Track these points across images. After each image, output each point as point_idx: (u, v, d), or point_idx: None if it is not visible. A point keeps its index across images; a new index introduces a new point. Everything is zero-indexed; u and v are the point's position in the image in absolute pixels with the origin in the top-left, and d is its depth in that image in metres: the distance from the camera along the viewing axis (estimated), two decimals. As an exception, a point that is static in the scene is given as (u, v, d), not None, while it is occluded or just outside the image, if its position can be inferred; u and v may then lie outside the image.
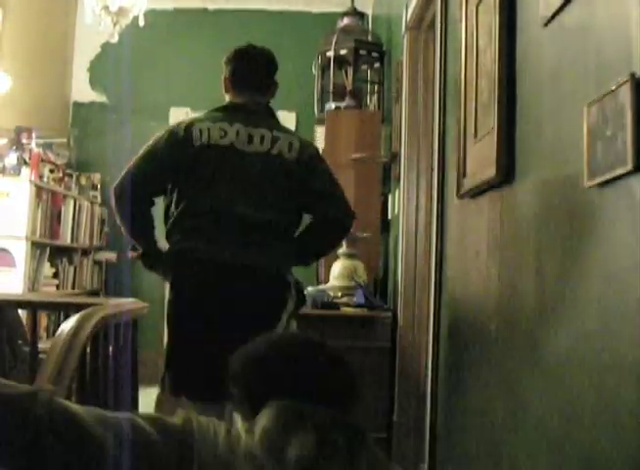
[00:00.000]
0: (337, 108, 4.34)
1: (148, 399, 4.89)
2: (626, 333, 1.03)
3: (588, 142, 1.14)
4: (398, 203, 3.46)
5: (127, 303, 2.58)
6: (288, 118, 5.74)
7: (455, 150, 2.08)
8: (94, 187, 5.55)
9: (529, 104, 1.52)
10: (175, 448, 1.05)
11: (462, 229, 2.14)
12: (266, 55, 2.51)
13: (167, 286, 2.46)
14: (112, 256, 5.53)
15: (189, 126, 2.29)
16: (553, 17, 1.35)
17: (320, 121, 4.65)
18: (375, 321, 3.30)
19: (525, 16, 1.56)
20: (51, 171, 4.69)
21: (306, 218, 2.49)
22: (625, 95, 1.02)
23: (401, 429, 3.21)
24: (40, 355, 2.20)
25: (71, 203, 4.95)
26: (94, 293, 5.45)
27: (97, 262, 5.52)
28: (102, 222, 5.57)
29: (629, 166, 1.01)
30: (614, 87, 1.06)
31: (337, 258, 3.61)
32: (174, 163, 2.29)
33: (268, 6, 5.76)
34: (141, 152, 2.33)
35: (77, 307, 2.08)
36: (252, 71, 2.46)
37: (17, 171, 4.32)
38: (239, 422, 1.13)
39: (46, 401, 0.96)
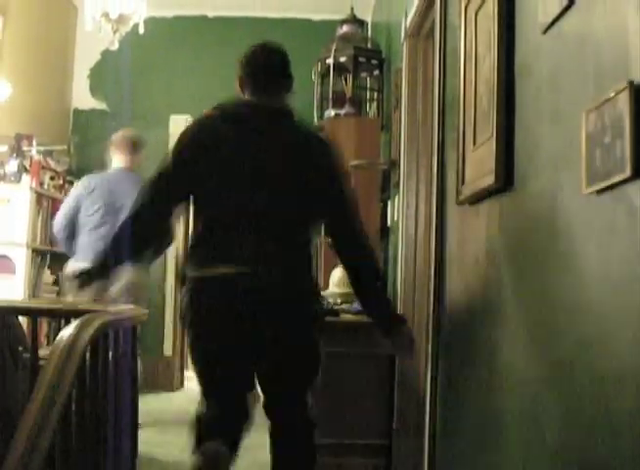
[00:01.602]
0: (336, 115, 4.35)
1: (148, 405, 4.89)
2: (625, 339, 1.03)
3: (587, 149, 1.15)
4: (398, 209, 3.46)
5: (127, 309, 2.58)
6: (287, 125, 5.76)
7: (454, 157, 2.08)
8: (94, 194, 5.55)
9: (528, 111, 1.53)
10: None
11: (461, 236, 2.14)
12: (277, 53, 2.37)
13: None
14: (111, 262, 5.52)
15: None
16: (552, 24, 1.36)
17: (319, 128, 4.65)
18: (375, 328, 3.29)
19: (525, 23, 1.56)
20: (51, 178, 4.69)
21: None
22: (624, 102, 1.02)
23: (401, 436, 3.20)
24: (40, 362, 2.20)
25: (71, 210, 4.94)
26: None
27: (97, 269, 5.51)
28: (102, 229, 5.56)
29: (628, 173, 1.01)
30: (612, 94, 1.06)
31: (336, 264, 3.61)
32: None
33: (268, 13, 5.78)
34: None
35: (77, 314, 2.08)
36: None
37: (17, 178, 4.32)
38: None
39: None
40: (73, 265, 3.67)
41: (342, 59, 4.42)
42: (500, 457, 1.64)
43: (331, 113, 4.39)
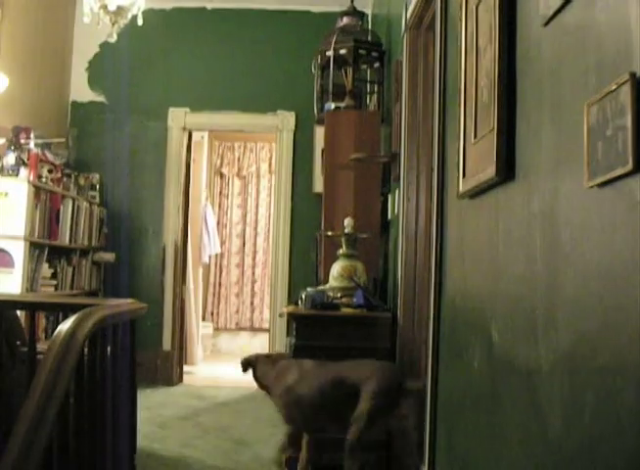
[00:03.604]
0: (336, 108, 4.34)
1: (147, 399, 4.89)
2: (627, 332, 1.03)
3: (588, 142, 1.14)
4: (398, 203, 3.46)
5: (125, 303, 2.57)
6: (287, 118, 5.75)
7: (455, 150, 2.08)
8: (93, 187, 5.55)
9: (529, 104, 1.52)
10: None
11: (462, 229, 2.13)
12: None
13: None
14: (110, 256, 5.53)
15: None
16: (553, 16, 1.35)
17: (320, 121, 4.64)
18: (375, 322, 3.29)
19: (526, 15, 1.55)
20: (49, 171, 4.68)
21: None
22: (626, 95, 1.02)
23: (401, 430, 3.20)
24: (38, 356, 2.19)
25: (70, 203, 4.94)
26: (92, 293, 5.44)
27: (95, 263, 5.51)
28: (100, 223, 5.57)
29: (630, 167, 1.01)
30: (614, 87, 1.05)
31: (336, 258, 3.61)
32: None
33: (267, 5, 5.75)
34: None
35: (75, 308, 2.07)
36: None
37: (15, 172, 4.31)
38: None
39: None
40: None
41: (343, 51, 4.40)
42: (501, 451, 1.64)
43: (331, 105, 4.38)
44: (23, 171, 4.32)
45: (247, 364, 3.15)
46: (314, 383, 2.79)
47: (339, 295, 3.49)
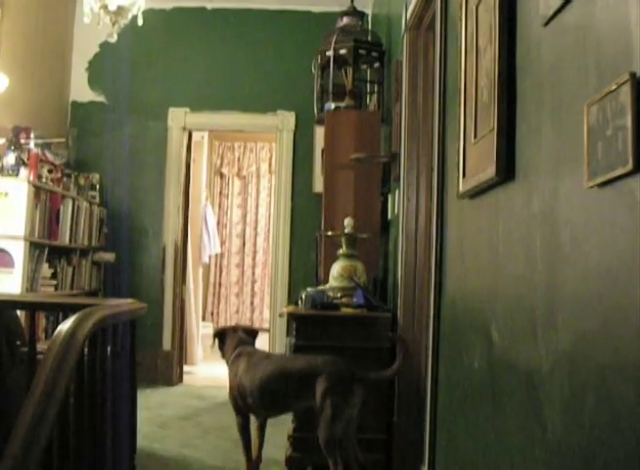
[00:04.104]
0: (336, 108, 4.34)
1: (147, 399, 4.89)
2: (627, 332, 1.03)
3: (588, 142, 1.14)
4: (398, 203, 3.46)
5: (125, 303, 2.57)
6: (287, 118, 5.75)
7: (455, 150, 2.08)
8: (93, 187, 5.55)
9: (529, 104, 1.52)
10: None
11: (462, 229, 2.13)
12: None
13: None
14: (110, 256, 5.53)
15: None
16: (553, 16, 1.35)
17: (320, 121, 4.65)
18: (375, 322, 3.29)
19: (526, 15, 1.55)
20: (49, 171, 4.68)
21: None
22: (626, 95, 1.02)
23: (401, 430, 3.20)
24: (38, 356, 2.19)
25: (70, 203, 4.94)
26: (92, 293, 5.44)
27: (95, 263, 5.51)
28: (100, 223, 5.57)
29: (630, 166, 1.01)
30: (614, 87, 1.05)
31: (336, 258, 3.61)
32: None
33: (267, 5, 5.75)
34: None
35: (75, 308, 2.07)
36: None
37: (15, 171, 4.31)
38: None
39: None
40: None
41: (343, 51, 4.40)
42: (501, 451, 1.64)
43: (331, 106, 4.38)
44: (23, 171, 4.31)
45: (217, 337, 3.28)
46: (257, 375, 2.90)
47: (339, 295, 3.49)
